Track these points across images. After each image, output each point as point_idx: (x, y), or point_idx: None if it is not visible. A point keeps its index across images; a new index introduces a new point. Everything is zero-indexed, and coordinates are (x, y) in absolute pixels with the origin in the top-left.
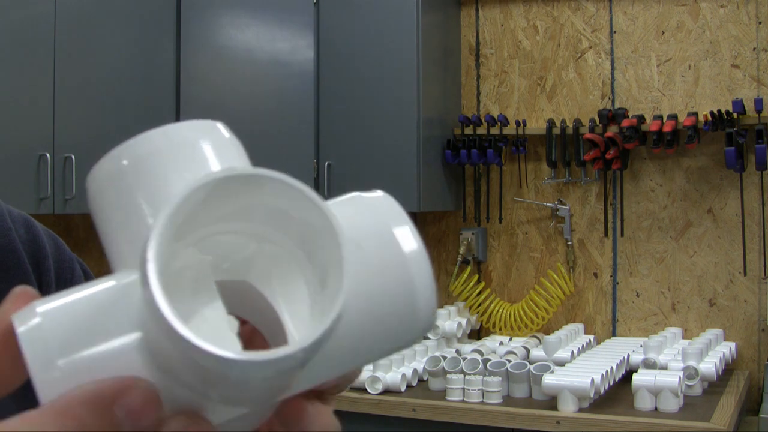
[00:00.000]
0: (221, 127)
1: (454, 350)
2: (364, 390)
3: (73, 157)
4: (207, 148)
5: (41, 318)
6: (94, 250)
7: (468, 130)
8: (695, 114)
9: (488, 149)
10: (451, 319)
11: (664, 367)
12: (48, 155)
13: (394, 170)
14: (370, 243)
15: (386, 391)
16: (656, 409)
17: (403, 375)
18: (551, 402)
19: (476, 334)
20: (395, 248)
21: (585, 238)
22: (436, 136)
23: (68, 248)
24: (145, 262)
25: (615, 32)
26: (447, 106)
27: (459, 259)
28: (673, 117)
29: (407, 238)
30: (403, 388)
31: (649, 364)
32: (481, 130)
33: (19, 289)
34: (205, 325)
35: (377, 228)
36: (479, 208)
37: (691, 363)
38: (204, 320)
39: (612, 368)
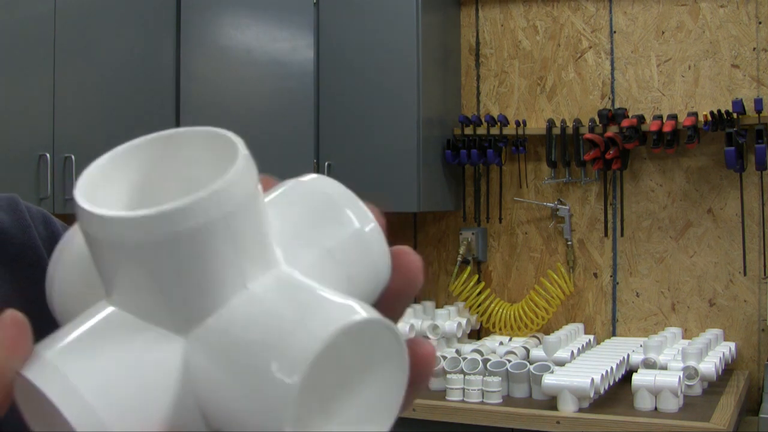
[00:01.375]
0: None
1: (454, 350)
2: None
3: (73, 157)
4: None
5: (60, 365)
6: None
7: (468, 130)
8: (695, 114)
9: (488, 149)
10: (451, 319)
11: (664, 367)
12: (48, 155)
13: (394, 170)
14: (333, 237)
15: None
16: (656, 409)
17: None
18: (551, 402)
19: (476, 334)
20: (357, 232)
21: (585, 238)
22: (436, 136)
23: None
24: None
25: (615, 32)
26: (447, 106)
27: (459, 259)
28: (673, 117)
29: (362, 216)
30: None
31: (649, 364)
32: (481, 130)
33: (8, 318)
34: None
35: (334, 216)
36: (479, 208)
37: (691, 363)
38: None
39: (612, 368)
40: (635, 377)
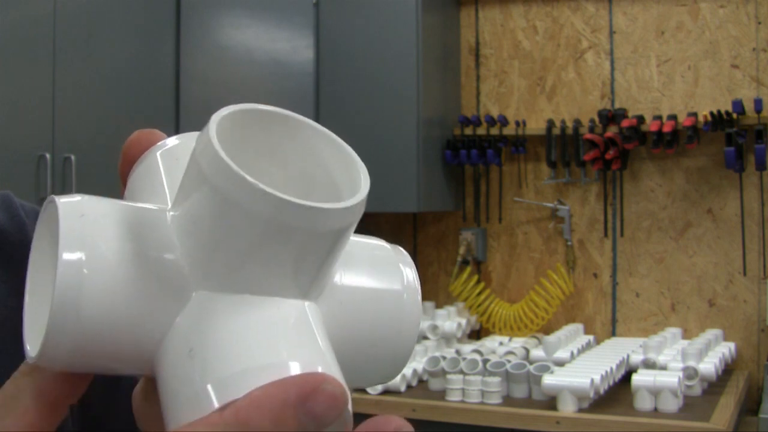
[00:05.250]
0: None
1: (453, 350)
2: (363, 390)
3: (72, 157)
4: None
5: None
6: None
7: (468, 131)
8: (695, 114)
9: (488, 149)
10: (451, 320)
11: (663, 368)
12: (48, 155)
13: (394, 170)
14: (376, 268)
15: (386, 391)
16: (656, 409)
17: (403, 375)
18: (551, 402)
19: (476, 334)
20: (398, 279)
21: (585, 238)
22: (436, 136)
23: None
24: (208, 126)
25: (615, 32)
26: (447, 106)
27: (459, 259)
28: (673, 117)
29: (410, 273)
30: (403, 389)
31: (648, 365)
32: (481, 131)
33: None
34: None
35: (386, 259)
36: (479, 208)
37: (691, 363)
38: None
39: (612, 368)
40: (635, 377)
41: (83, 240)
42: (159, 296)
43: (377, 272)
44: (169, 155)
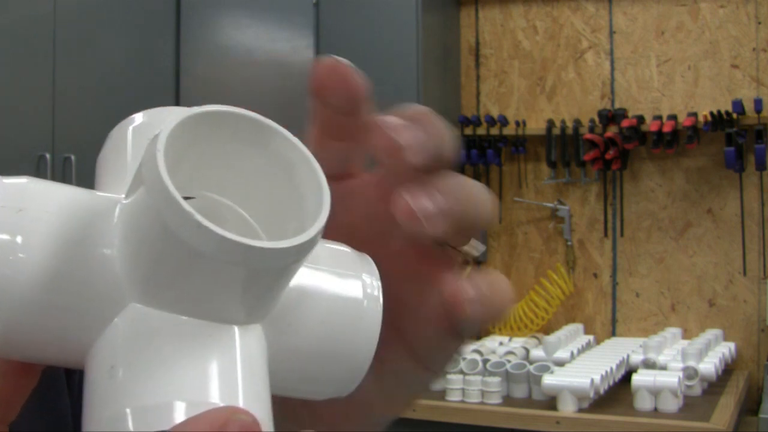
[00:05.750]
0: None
1: None
2: None
3: (72, 157)
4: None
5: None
6: None
7: (468, 131)
8: (695, 114)
9: (488, 149)
10: None
11: (663, 368)
12: (48, 155)
13: None
14: (335, 274)
15: None
16: (656, 409)
17: None
18: (551, 402)
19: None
20: (358, 288)
21: (585, 238)
22: None
23: None
24: (154, 143)
25: (615, 32)
26: (447, 106)
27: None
28: (673, 117)
29: (373, 282)
30: None
31: (648, 365)
32: (481, 131)
33: None
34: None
35: (348, 267)
36: None
37: (691, 363)
38: None
39: (612, 368)
40: (635, 377)
41: (18, 224)
42: (91, 298)
43: (336, 281)
44: (140, 134)
